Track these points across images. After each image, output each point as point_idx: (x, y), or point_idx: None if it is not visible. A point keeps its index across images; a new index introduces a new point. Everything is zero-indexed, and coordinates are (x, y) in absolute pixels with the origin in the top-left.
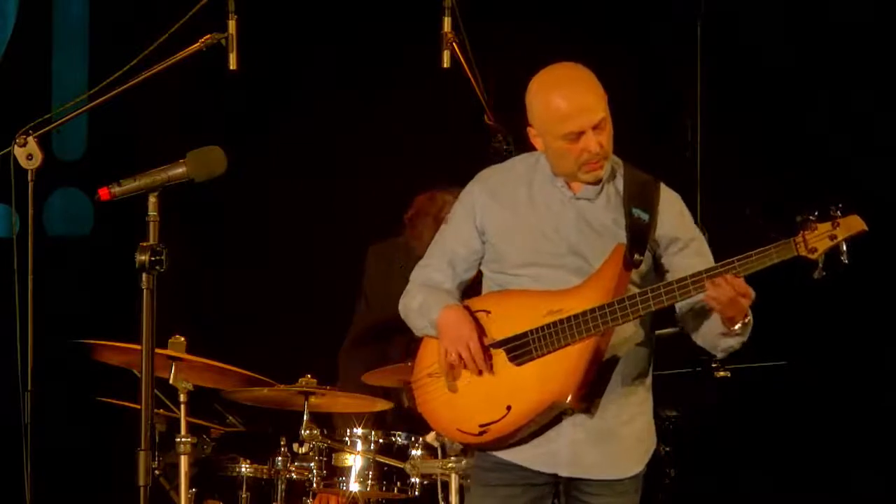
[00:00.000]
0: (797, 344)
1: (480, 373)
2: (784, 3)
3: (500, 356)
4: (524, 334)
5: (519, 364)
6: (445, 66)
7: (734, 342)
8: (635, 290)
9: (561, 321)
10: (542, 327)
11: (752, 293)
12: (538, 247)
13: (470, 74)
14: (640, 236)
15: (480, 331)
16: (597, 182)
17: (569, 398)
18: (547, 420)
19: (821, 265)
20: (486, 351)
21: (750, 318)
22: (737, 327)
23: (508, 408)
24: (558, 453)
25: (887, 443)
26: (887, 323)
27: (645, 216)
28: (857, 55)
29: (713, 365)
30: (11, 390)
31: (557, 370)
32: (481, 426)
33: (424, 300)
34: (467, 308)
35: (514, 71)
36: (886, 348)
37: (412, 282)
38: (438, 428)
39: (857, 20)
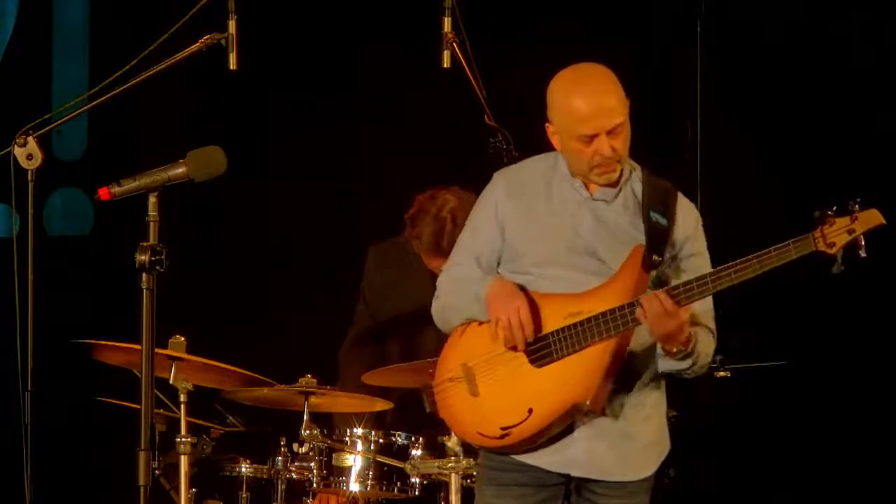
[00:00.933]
0: (797, 344)
1: (527, 346)
2: (784, 4)
3: (521, 359)
4: (545, 336)
5: (540, 366)
6: (445, 66)
7: (674, 366)
8: (652, 292)
9: (581, 322)
10: (563, 329)
11: (683, 317)
12: (555, 247)
13: (470, 74)
14: (658, 239)
15: (532, 303)
16: (609, 184)
17: (590, 400)
18: (568, 422)
19: (839, 260)
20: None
21: (693, 347)
22: (674, 351)
23: (530, 410)
24: (573, 454)
25: (887, 443)
26: (888, 323)
27: (663, 220)
28: (857, 55)
29: (713, 365)
30: (11, 390)
31: (578, 372)
32: (503, 429)
33: (468, 285)
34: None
35: (514, 71)
36: (886, 348)
37: (441, 285)
38: (459, 431)
39: (858, 20)
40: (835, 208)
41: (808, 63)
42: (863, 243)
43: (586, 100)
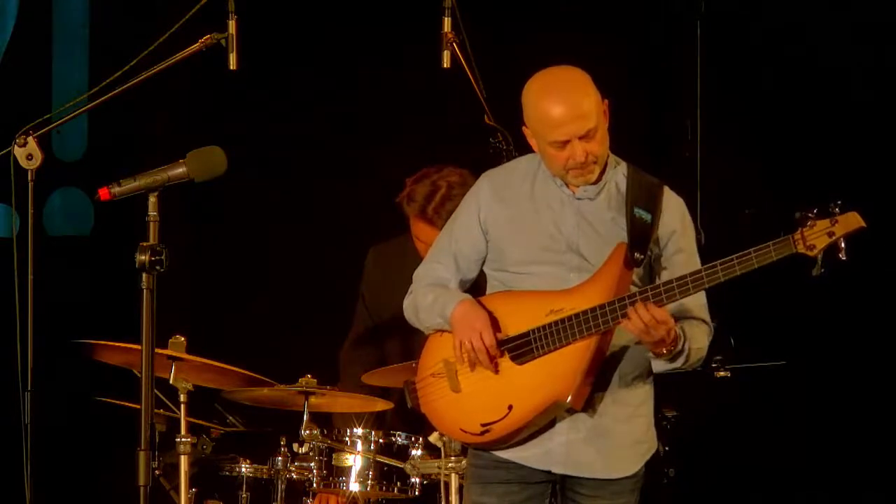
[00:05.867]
0: (797, 344)
1: (494, 363)
2: (784, 3)
3: (502, 356)
4: (526, 333)
5: (521, 363)
6: (445, 66)
7: (667, 367)
8: (636, 290)
9: (562, 320)
10: (544, 326)
11: (669, 321)
12: (538, 244)
13: (470, 74)
14: (641, 235)
15: (494, 325)
16: (587, 185)
17: (569, 397)
18: (548, 419)
19: (819, 262)
20: (498, 344)
21: (682, 347)
22: (664, 353)
23: (510, 407)
24: (554, 451)
25: (887, 443)
26: (887, 323)
27: (647, 216)
28: (857, 55)
29: (713, 365)
30: (11, 390)
31: (559, 369)
32: (483, 425)
33: (438, 297)
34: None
35: (514, 71)
36: (886, 348)
37: (417, 280)
38: (441, 427)
39: (858, 20)
40: (815, 210)
41: (808, 63)
42: (843, 246)
43: (558, 106)
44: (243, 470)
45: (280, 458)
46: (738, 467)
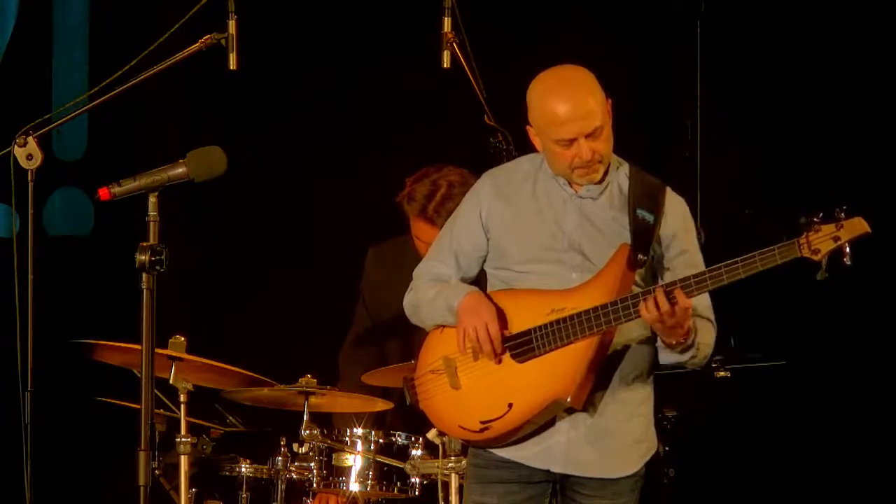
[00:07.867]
0: (797, 344)
1: (498, 359)
2: (785, 3)
3: (503, 353)
4: (527, 332)
5: (522, 361)
6: (445, 66)
7: (676, 359)
8: (638, 290)
9: (564, 319)
10: (546, 325)
11: (686, 306)
12: (540, 243)
13: (470, 74)
14: (644, 236)
15: (501, 317)
16: (592, 184)
17: (569, 397)
18: (548, 418)
19: (824, 267)
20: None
21: (693, 339)
22: (674, 343)
23: (510, 405)
24: (554, 450)
25: (887, 443)
26: (887, 323)
27: (650, 217)
28: (856, 54)
29: (713, 365)
30: (11, 390)
31: (559, 368)
32: (482, 423)
33: (442, 290)
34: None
35: (514, 71)
36: (886, 348)
37: (418, 277)
38: (440, 424)
39: (858, 20)
40: (821, 215)
41: (808, 63)
42: (847, 251)
43: (563, 104)
44: (243, 470)
45: (280, 458)
46: (737, 467)
